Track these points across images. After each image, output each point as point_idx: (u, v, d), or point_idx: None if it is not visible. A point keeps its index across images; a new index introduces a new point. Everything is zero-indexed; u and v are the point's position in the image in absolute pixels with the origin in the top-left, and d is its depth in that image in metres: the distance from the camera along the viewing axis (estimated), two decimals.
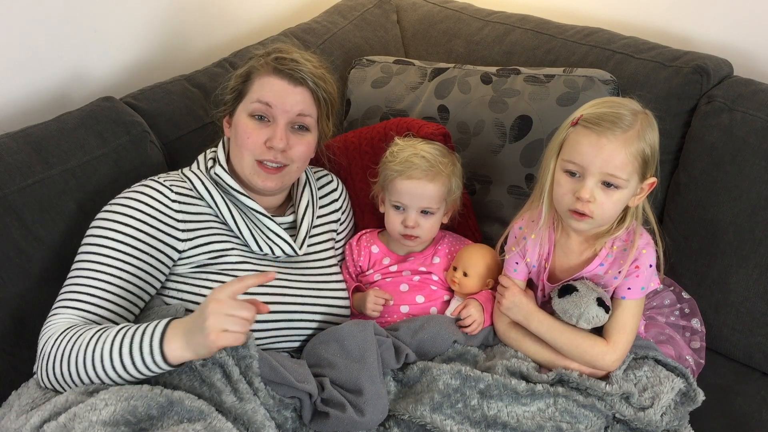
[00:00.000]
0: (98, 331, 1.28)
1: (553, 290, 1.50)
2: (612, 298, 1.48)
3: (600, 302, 1.44)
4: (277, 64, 1.51)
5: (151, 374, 1.24)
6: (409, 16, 2.26)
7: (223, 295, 1.19)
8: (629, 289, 1.46)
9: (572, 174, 1.41)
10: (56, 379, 1.28)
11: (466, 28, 2.12)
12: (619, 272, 1.45)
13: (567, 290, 1.47)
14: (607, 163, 1.36)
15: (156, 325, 1.25)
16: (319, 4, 2.28)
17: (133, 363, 1.23)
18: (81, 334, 1.28)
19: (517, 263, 1.55)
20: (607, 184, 1.38)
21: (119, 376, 1.25)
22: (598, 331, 1.49)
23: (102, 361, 1.24)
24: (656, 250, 1.48)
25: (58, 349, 1.27)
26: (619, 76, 1.82)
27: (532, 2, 2.22)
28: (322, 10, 2.22)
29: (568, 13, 2.14)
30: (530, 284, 1.60)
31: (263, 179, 1.52)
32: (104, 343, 1.25)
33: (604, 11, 2.13)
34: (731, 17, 1.92)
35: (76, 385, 1.26)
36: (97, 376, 1.25)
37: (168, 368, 1.24)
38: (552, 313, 1.51)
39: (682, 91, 1.78)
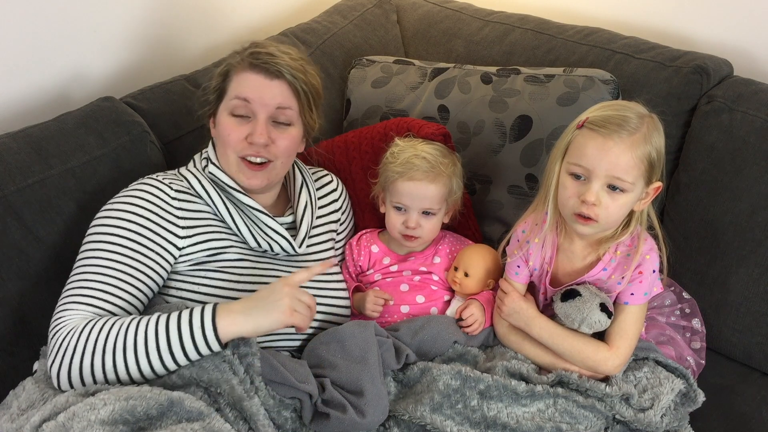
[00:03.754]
0: (133, 318, 1.30)
1: (556, 294, 1.49)
2: (615, 303, 1.48)
3: (603, 307, 1.43)
4: (253, 59, 1.50)
5: (195, 354, 1.28)
6: (409, 16, 2.26)
7: (292, 281, 1.33)
8: (632, 294, 1.45)
9: (577, 177, 1.39)
10: (78, 373, 1.26)
11: (466, 28, 2.12)
12: (623, 277, 1.44)
13: (570, 294, 1.46)
14: (613, 165, 1.35)
15: (203, 307, 1.30)
16: (319, 4, 2.28)
17: (181, 342, 1.27)
18: (113, 324, 1.29)
19: (518, 267, 1.54)
20: (613, 188, 1.37)
21: (160, 359, 1.27)
22: (600, 335, 1.48)
23: (146, 343, 1.27)
24: (659, 255, 1.47)
25: (84, 341, 1.27)
26: (619, 76, 1.82)
27: (532, 2, 2.22)
28: (322, 10, 2.22)
29: (568, 13, 2.14)
30: (531, 287, 1.59)
31: (248, 177, 1.51)
32: (146, 327, 1.28)
33: (604, 11, 2.13)
34: (731, 17, 1.92)
35: (95, 381, 1.26)
36: (138, 362, 1.26)
37: (217, 347, 1.28)
38: (552, 316, 1.51)
39: (682, 91, 1.78)
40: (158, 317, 1.30)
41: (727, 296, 1.68)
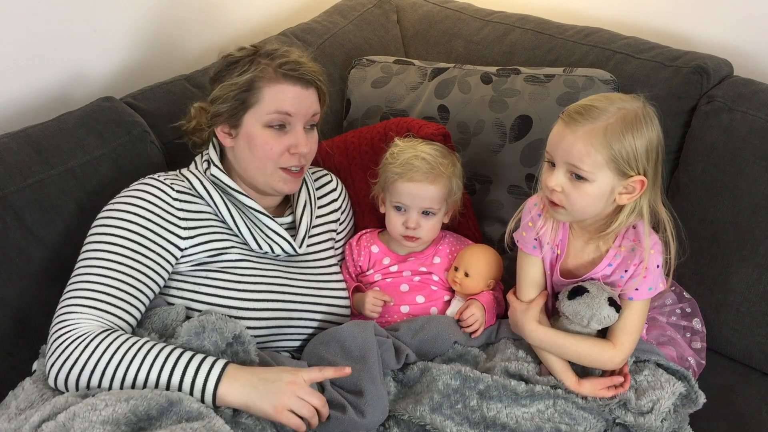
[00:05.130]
0: (145, 344, 1.29)
1: (562, 292, 1.47)
2: (619, 298, 1.47)
3: (611, 302, 1.42)
4: (286, 70, 1.49)
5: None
6: (409, 16, 2.26)
7: (300, 378, 1.28)
8: (637, 290, 1.44)
9: (552, 164, 1.40)
10: (76, 381, 1.26)
11: (466, 28, 2.12)
12: (626, 271, 1.44)
13: (577, 292, 1.44)
14: (566, 152, 1.35)
15: (214, 362, 1.27)
16: (319, 4, 2.28)
17: (181, 384, 1.25)
18: (120, 344, 1.28)
19: (536, 239, 1.49)
20: (577, 176, 1.36)
21: (156, 383, 1.26)
22: (601, 330, 1.48)
23: (147, 377, 1.25)
24: (664, 253, 1.46)
25: (90, 354, 1.26)
26: (619, 76, 1.82)
27: (532, 2, 2.22)
28: (322, 10, 2.22)
29: (568, 13, 2.14)
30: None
31: (288, 183, 1.53)
32: (152, 363, 1.26)
33: (604, 11, 2.13)
34: (731, 17, 1.92)
35: (90, 387, 1.26)
36: (135, 379, 1.26)
37: (210, 404, 1.26)
38: (558, 315, 1.49)
39: (682, 91, 1.78)
40: (171, 350, 1.28)
41: (727, 296, 1.68)
